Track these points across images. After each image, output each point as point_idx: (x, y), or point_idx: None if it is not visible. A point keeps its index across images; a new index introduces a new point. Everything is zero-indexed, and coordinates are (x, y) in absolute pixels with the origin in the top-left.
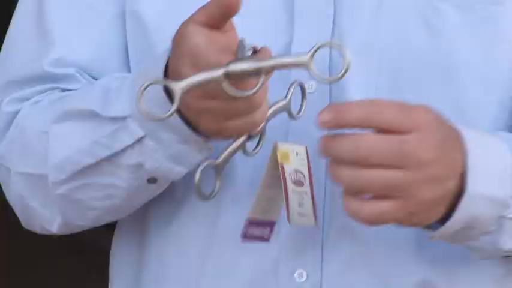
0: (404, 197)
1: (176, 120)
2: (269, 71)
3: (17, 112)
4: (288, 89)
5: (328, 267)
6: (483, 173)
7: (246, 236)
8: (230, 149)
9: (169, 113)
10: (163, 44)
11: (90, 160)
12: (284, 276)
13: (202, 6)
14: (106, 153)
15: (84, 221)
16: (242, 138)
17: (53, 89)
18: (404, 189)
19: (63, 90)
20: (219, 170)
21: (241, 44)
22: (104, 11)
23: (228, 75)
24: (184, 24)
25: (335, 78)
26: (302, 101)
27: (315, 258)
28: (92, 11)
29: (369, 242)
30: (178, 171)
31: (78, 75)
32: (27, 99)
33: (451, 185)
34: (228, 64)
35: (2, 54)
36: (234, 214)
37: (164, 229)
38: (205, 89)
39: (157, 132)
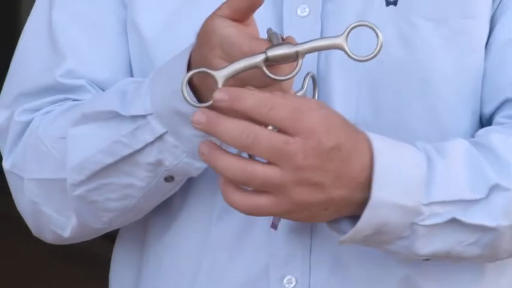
0: (279, 195)
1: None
2: (305, 54)
3: (29, 122)
4: (304, 80)
5: (316, 273)
6: (390, 181)
7: (274, 225)
8: None
9: (211, 101)
10: (162, 58)
11: (110, 160)
12: (274, 281)
13: (225, 2)
14: (126, 152)
15: (98, 223)
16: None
17: (64, 99)
18: (278, 188)
19: (74, 101)
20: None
21: (272, 32)
22: (108, 29)
23: (267, 60)
24: (210, 19)
25: (370, 57)
26: (314, 91)
27: (303, 264)
28: (97, 29)
29: (354, 246)
30: (197, 166)
31: (89, 86)
32: (39, 109)
33: (341, 193)
34: (266, 50)
35: (13, 67)
36: (227, 222)
37: (162, 235)
38: (237, 80)
39: (178, 128)
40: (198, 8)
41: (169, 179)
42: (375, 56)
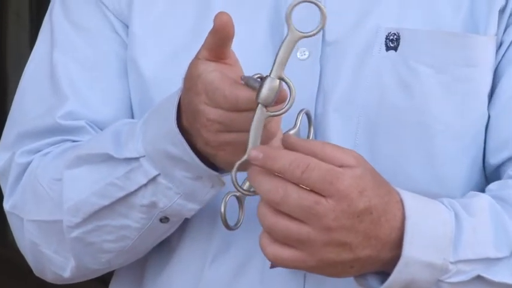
0: (306, 251)
1: (192, 158)
2: (281, 71)
3: (28, 163)
4: (297, 118)
5: None
6: (421, 239)
7: (272, 264)
8: None
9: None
10: (161, 97)
11: (105, 202)
12: None
13: (203, 44)
14: (120, 194)
15: (96, 264)
16: None
17: (63, 141)
18: (305, 244)
19: (74, 142)
20: (242, 200)
21: (247, 77)
22: (109, 69)
23: (266, 107)
24: (194, 63)
25: (315, 32)
26: (309, 129)
27: None
28: (97, 69)
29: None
30: (191, 207)
31: (88, 127)
32: (39, 151)
33: (368, 253)
34: (257, 99)
35: (14, 108)
36: (221, 264)
37: (157, 276)
38: (224, 123)
39: (170, 170)
40: (197, 49)
41: (164, 220)
42: (320, 30)
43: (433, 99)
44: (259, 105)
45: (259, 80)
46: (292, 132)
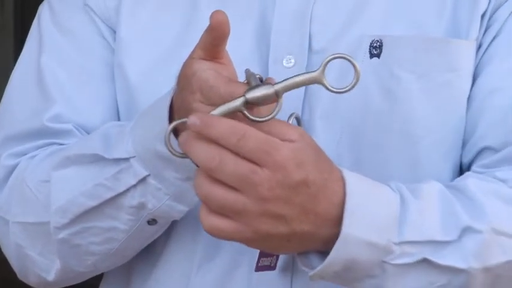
0: (241, 222)
1: (183, 158)
2: (283, 92)
3: (15, 166)
4: (287, 121)
5: None
6: (361, 218)
7: (258, 267)
8: None
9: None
10: (147, 102)
11: (93, 202)
12: None
13: (197, 43)
14: (109, 194)
15: (82, 267)
16: None
17: (51, 144)
18: (241, 214)
19: (60, 145)
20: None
21: (250, 73)
22: (96, 74)
23: (247, 103)
24: (188, 62)
25: (348, 88)
26: None
27: None
28: (85, 73)
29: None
30: (180, 209)
31: (76, 131)
32: (26, 153)
33: (306, 228)
34: (245, 93)
35: (0, 111)
36: (207, 270)
37: (144, 282)
38: None
39: (160, 171)
40: (185, 54)
41: (152, 222)
42: (354, 86)
43: (415, 106)
44: (242, 97)
45: (260, 81)
46: None
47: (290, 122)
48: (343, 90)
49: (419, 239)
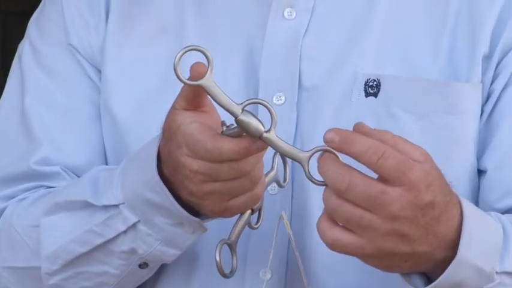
0: (366, 238)
1: (174, 205)
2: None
3: (3, 210)
4: (273, 160)
5: None
6: (476, 243)
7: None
8: (239, 225)
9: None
10: (135, 143)
11: (84, 249)
12: None
13: (179, 93)
14: (99, 241)
15: None
16: (247, 213)
17: (38, 187)
18: (366, 230)
19: (48, 187)
20: (233, 247)
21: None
22: (82, 114)
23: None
24: (171, 114)
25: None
26: (285, 169)
27: None
28: (70, 114)
29: None
30: (171, 253)
31: (63, 173)
32: (14, 197)
33: (424, 249)
34: (252, 134)
35: None
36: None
37: None
38: (207, 174)
39: (150, 217)
40: (172, 94)
41: (143, 265)
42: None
43: None
44: (264, 133)
45: (234, 126)
46: (271, 174)
47: (276, 160)
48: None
49: None
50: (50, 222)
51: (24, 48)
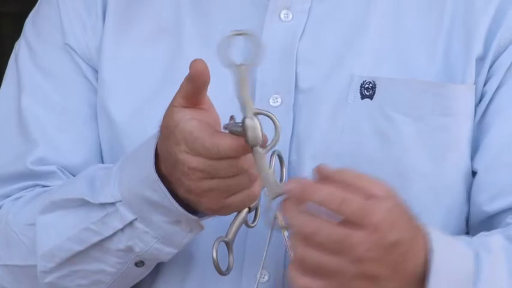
0: (335, 283)
1: (171, 203)
2: (252, 108)
3: None
4: (270, 160)
5: None
6: (445, 274)
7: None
8: (236, 224)
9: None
10: (131, 143)
11: (80, 247)
12: None
13: (178, 91)
14: (96, 239)
15: None
16: (244, 212)
17: (34, 186)
18: (336, 276)
19: (44, 187)
20: (230, 245)
21: (230, 124)
22: (78, 114)
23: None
24: (170, 112)
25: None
26: (282, 169)
27: None
28: (67, 114)
29: None
30: (168, 252)
31: (60, 172)
32: (9, 196)
33: (394, 286)
34: (248, 143)
35: None
36: None
37: None
38: (206, 170)
39: (147, 215)
40: (169, 95)
41: (139, 264)
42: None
43: (409, 148)
44: (255, 147)
45: (239, 124)
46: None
47: (273, 160)
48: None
49: None
50: (46, 220)
51: (20, 48)
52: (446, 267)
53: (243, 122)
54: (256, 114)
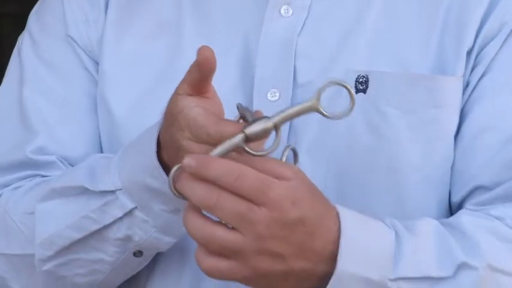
0: (240, 261)
1: (172, 191)
2: (281, 124)
3: None
4: (283, 153)
5: None
6: (356, 254)
7: None
8: None
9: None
10: (131, 136)
11: (79, 235)
12: None
13: (183, 78)
14: (95, 227)
15: None
16: None
17: (34, 175)
18: (239, 254)
19: (44, 177)
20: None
21: (244, 108)
22: (79, 105)
23: (246, 139)
24: (174, 99)
25: (345, 113)
26: (295, 163)
27: None
28: (67, 105)
29: None
30: (167, 241)
31: (59, 162)
32: (9, 185)
33: (302, 266)
34: (244, 129)
35: None
36: None
37: None
38: None
39: (148, 203)
40: (169, 88)
41: (138, 253)
42: (351, 111)
43: (401, 142)
44: (242, 134)
45: (255, 117)
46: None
47: (286, 153)
48: (341, 115)
49: (415, 275)
50: (45, 208)
51: (24, 40)
52: (358, 245)
53: (263, 117)
54: (276, 126)
